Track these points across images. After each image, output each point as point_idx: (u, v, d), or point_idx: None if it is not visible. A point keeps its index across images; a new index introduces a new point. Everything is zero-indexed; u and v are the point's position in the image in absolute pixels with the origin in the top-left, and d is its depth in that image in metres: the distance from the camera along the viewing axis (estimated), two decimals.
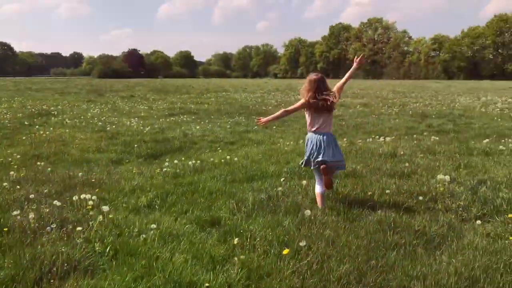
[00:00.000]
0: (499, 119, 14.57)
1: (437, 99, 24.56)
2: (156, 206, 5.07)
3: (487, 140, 8.55)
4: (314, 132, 4.77)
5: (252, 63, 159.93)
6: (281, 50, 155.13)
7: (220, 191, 5.41)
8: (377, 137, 10.13)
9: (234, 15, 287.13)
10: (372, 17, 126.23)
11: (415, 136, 10.84)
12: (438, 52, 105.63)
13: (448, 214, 4.44)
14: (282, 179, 5.73)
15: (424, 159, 7.17)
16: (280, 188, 5.22)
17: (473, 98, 25.19)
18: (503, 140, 9.40)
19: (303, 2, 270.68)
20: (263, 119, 4.99)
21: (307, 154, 4.79)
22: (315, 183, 4.88)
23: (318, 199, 4.75)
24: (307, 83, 4.76)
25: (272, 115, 5.08)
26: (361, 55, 5.34)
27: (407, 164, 6.46)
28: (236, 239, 3.71)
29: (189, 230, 4.17)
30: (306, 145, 4.87)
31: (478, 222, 4.16)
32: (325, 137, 4.71)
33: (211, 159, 7.61)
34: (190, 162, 7.17)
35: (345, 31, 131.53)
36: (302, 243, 3.49)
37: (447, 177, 5.09)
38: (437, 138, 10.02)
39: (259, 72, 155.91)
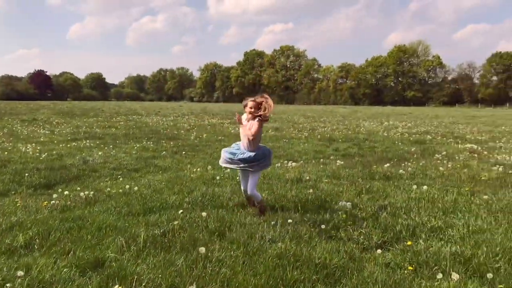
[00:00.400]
0: (400, 143, 15.38)
1: (344, 124, 25.65)
2: (36, 246, 4.42)
3: (388, 164, 8.84)
4: None
5: (167, 86, 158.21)
6: (196, 74, 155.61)
7: (111, 226, 4.87)
8: (286, 162, 10.10)
9: (149, 37, 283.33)
10: (284, 45, 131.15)
11: (322, 160, 10.99)
12: (345, 79, 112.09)
13: (350, 244, 4.33)
14: (180, 211, 5.32)
15: (329, 184, 7.17)
16: (176, 222, 4.80)
17: (376, 123, 26.67)
18: (403, 164, 9.81)
19: (219, 28, 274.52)
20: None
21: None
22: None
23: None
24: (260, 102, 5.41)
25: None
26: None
27: (311, 190, 6.37)
28: (118, 287, 3.23)
29: (66, 275, 3.61)
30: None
31: (379, 251, 4.08)
32: None
33: (108, 189, 7.01)
34: (82, 193, 6.51)
35: (259, 57, 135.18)
36: (192, 287, 3.12)
37: (349, 204, 5.03)
38: (342, 162, 10.22)
39: (174, 96, 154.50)
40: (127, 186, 7.12)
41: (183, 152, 12.50)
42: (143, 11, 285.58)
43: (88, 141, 15.43)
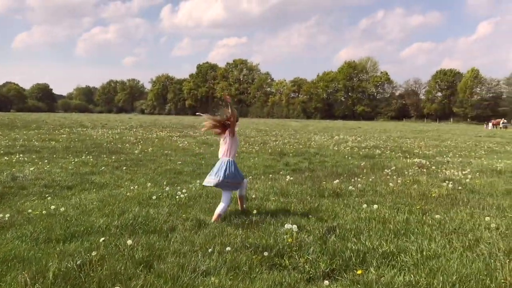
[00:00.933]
0: (350, 157, 15.26)
1: (296, 138, 25.52)
2: None
3: (337, 180, 8.50)
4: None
5: (117, 98, 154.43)
6: (148, 86, 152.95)
7: (19, 257, 4.15)
8: None
9: (100, 48, 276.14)
10: (238, 58, 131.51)
11: (271, 175, 10.56)
12: (297, 94, 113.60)
13: (294, 274, 3.85)
14: (102, 239, 4.65)
15: (276, 202, 6.71)
16: (94, 253, 4.14)
17: (327, 137, 26.74)
18: (353, 180, 9.54)
19: (172, 40, 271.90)
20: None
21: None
22: None
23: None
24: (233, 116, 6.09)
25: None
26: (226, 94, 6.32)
27: (255, 212, 5.86)
28: None
29: None
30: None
31: (326, 282, 3.62)
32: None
33: (30, 210, 6.21)
34: None
35: (212, 70, 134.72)
36: None
37: (295, 227, 4.57)
38: (292, 178, 9.83)
39: (125, 108, 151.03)
40: (53, 207, 6.36)
41: (124, 168, 11.72)
42: (94, 22, 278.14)
43: (22, 155, 14.27)
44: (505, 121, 57.15)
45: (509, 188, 8.62)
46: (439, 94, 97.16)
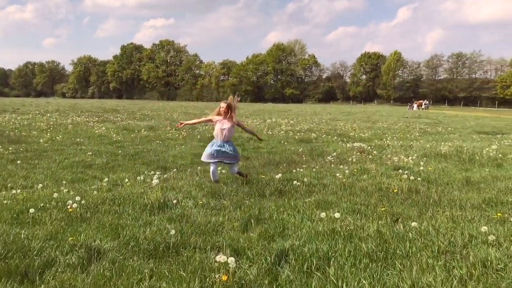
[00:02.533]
0: (285, 142, 14.07)
1: None
2: None
3: (279, 175, 7.12)
4: None
5: (36, 81, 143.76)
6: (69, 68, 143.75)
7: None
8: (153, 172, 7.93)
9: (16, 29, 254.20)
10: (164, 39, 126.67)
11: (200, 167, 9.01)
12: (227, 76, 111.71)
13: None
14: None
15: (205, 209, 5.20)
16: None
17: (259, 120, 25.50)
18: (294, 170, 8.27)
19: (95, 20, 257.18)
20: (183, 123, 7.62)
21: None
22: None
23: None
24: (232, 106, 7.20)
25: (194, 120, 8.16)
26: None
27: (173, 232, 4.22)
28: None
29: None
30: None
31: None
32: None
33: None
34: None
35: (137, 52, 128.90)
36: None
37: (231, 260, 3.10)
38: (225, 170, 8.37)
39: (44, 91, 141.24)
40: None
41: (20, 161, 9.60)
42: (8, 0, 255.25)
43: None
44: (427, 102, 59.55)
45: (465, 175, 7.75)
46: (364, 77, 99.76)
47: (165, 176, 7.54)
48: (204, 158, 7.07)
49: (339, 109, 51.40)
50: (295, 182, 6.30)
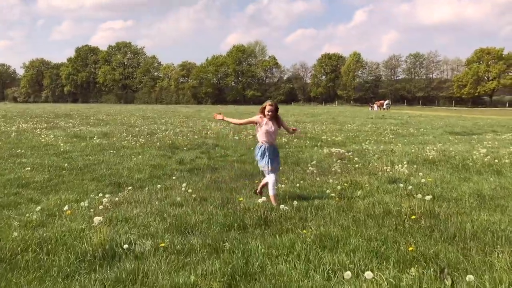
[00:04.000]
0: (248, 148, 12.76)
1: (189, 126, 22.50)
2: None
3: (262, 199, 5.80)
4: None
5: None
6: (21, 72, 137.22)
7: None
8: (101, 195, 6.43)
9: None
10: (121, 41, 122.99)
11: (159, 185, 7.58)
12: (187, 78, 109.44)
13: None
14: None
15: (168, 256, 3.80)
16: None
17: (223, 124, 24.10)
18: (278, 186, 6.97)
19: (50, 22, 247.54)
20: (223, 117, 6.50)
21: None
22: None
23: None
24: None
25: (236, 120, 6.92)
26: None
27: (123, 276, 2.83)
28: None
29: None
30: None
31: None
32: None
33: None
34: None
35: (92, 54, 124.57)
36: None
37: None
38: (190, 187, 7.00)
39: None
40: None
41: None
42: None
43: None
44: (388, 102, 59.80)
45: (472, 188, 6.70)
46: (324, 77, 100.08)
47: (116, 199, 6.05)
48: (265, 170, 6.14)
49: (302, 111, 50.68)
50: (282, 206, 5.00)
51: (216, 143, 14.18)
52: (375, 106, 58.00)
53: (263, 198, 5.18)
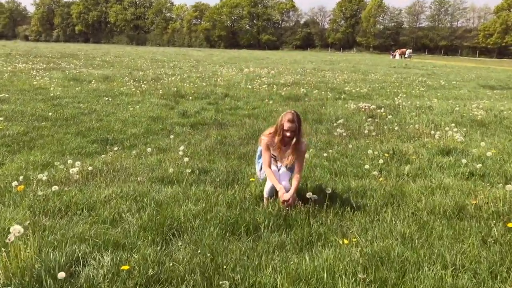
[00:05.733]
0: (270, 101, 11.22)
1: (198, 71, 20.76)
2: None
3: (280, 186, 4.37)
4: None
5: None
6: (31, 9, 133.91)
7: None
8: (70, 162, 5.00)
9: None
10: None
11: (154, 144, 6.17)
12: (200, 20, 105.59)
13: None
14: None
15: (123, 280, 2.41)
16: None
17: (235, 70, 22.35)
18: None
19: None
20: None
21: None
22: None
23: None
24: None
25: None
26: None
27: None
28: None
29: None
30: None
31: None
32: None
33: None
34: None
35: None
36: None
37: None
38: (189, 152, 5.58)
39: (5, 34, 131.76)
40: None
41: None
42: None
43: None
44: (410, 51, 56.70)
45: None
46: (343, 23, 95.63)
47: (90, 168, 4.62)
48: (262, 175, 4.06)
49: (319, 57, 48.17)
50: (309, 194, 3.52)
51: (226, 92, 12.60)
52: (397, 55, 55.03)
53: (284, 183, 3.64)
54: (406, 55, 53.56)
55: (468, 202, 3.67)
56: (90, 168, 4.57)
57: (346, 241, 2.88)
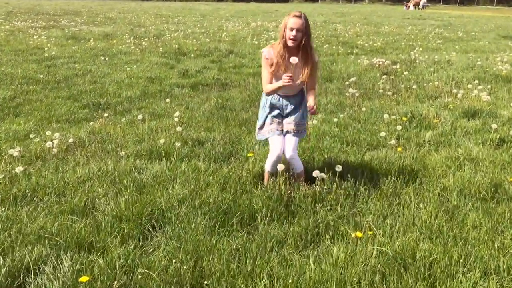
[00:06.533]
0: None
1: (203, 26, 19.84)
2: None
3: (281, 167, 3.81)
4: None
5: None
6: None
7: None
8: (49, 133, 4.48)
9: None
10: None
11: (151, 109, 5.66)
12: None
13: None
14: None
15: None
16: None
17: (242, 24, 21.38)
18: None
19: None
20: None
21: None
22: None
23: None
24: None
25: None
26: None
27: None
28: None
29: None
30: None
31: None
32: None
33: None
34: None
35: None
36: None
37: None
38: (186, 117, 5.08)
39: None
40: None
41: None
42: None
43: None
44: (425, 0, 54.19)
45: None
46: None
47: (70, 140, 4.12)
48: (260, 136, 3.33)
49: (330, 9, 46.32)
50: (316, 172, 2.96)
51: (230, 48, 11.88)
52: (411, 5, 52.77)
53: (282, 166, 3.01)
54: (420, 6, 51.29)
55: (504, 179, 3.12)
56: (71, 140, 4.06)
57: (359, 234, 2.38)
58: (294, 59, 2.92)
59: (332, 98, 6.38)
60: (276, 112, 3.21)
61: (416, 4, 52.56)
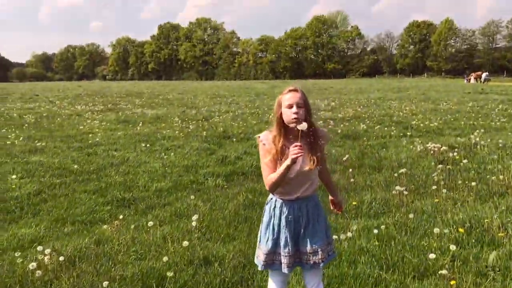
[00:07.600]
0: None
1: (254, 107, 19.88)
2: None
3: None
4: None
5: (77, 64, 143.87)
6: (109, 50, 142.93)
7: None
8: (82, 228, 4.07)
9: (65, 13, 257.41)
10: (201, 17, 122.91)
11: (173, 208, 5.17)
12: (265, 53, 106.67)
13: None
14: None
15: None
16: None
17: None
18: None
19: (139, 1, 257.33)
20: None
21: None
22: None
23: None
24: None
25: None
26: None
27: None
28: None
29: None
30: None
31: None
32: None
33: None
34: None
35: (174, 31, 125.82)
36: None
37: None
38: (204, 222, 4.50)
39: (86, 74, 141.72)
40: None
41: None
42: None
43: None
44: (487, 73, 52.47)
45: None
46: (412, 47, 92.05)
47: (61, 258, 3.63)
48: (259, 262, 2.56)
49: (387, 85, 45.92)
50: None
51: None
52: (472, 78, 51.33)
53: None
54: (482, 79, 49.65)
55: None
56: (61, 258, 3.57)
57: None
58: (303, 126, 2.34)
59: (378, 193, 5.61)
60: (285, 235, 2.49)
61: (478, 77, 51.01)
